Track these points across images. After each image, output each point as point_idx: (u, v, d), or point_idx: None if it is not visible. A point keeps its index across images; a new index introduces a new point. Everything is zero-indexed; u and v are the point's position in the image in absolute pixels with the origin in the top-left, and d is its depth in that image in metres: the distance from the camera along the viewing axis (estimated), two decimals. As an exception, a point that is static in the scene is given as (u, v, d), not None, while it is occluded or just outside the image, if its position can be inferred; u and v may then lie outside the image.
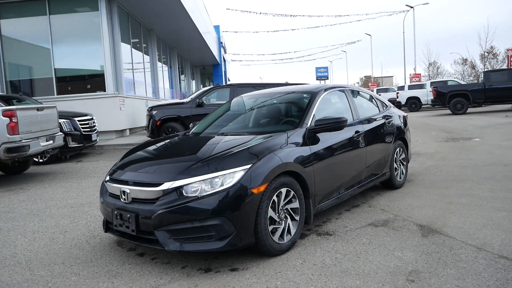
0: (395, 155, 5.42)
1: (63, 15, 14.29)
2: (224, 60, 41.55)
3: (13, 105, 10.44)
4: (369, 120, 4.97)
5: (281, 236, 3.43)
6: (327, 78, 59.14)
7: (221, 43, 36.40)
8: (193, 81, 35.89)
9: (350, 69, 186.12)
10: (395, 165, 5.43)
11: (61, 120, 9.97)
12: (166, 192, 3.12)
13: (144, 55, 19.28)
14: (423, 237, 3.65)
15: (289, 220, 3.52)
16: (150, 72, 20.38)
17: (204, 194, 3.05)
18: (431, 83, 22.22)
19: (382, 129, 5.14)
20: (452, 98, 19.17)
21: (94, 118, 11.22)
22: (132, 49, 17.42)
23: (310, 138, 3.90)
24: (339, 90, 4.83)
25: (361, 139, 4.57)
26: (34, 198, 6.14)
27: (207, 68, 38.44)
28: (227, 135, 4.08)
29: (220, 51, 36.02)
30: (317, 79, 60.76)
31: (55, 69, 14.24)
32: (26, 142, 7.32)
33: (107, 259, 3.52)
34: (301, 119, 4.02)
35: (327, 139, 4.07)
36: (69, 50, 14.73)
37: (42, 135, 7.97)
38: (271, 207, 3.30)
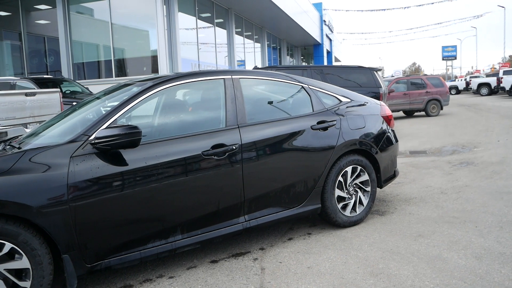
0: (339, 178, 3.51)
1: (122, -4, 14.28)
2: (330, 40, 39.01)
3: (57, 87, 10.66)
4: (275, 125, 3.21)
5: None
6: (455, 58, 51.75)
7: (324, 21, 33.96)
8: (292, 62, 34.44)
9: (483, 49, 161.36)
10: (339, 193, 3.52)
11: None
12: None
13: (216, 36, 18.59)
14: None
15: (1, 290, 2.21)
16: (227, 52, 19.69)
17: None
18: None
19: (301, 139, 3.28)
20: None
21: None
22: (198, 30, 16.83)
23: (98, 156, 2.46)
24: (213, 79, 3.13)
25: (229, 156, 2.89)
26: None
27: (308, 48, 36.47)
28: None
29: (321, 30, 33.69)
30: (443, 59, 53.80)
31: (114, 51, 14.37)
32: (3, 129, 7.09)
33: None
34: (83, 129, 2.56)
35: (139, 158, 2.57)
36: (128, 31, 14.74)
37: (32, 121, 7.74)
38: None
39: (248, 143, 2.98)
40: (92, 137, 2.48)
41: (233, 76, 3.17)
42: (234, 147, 2.90)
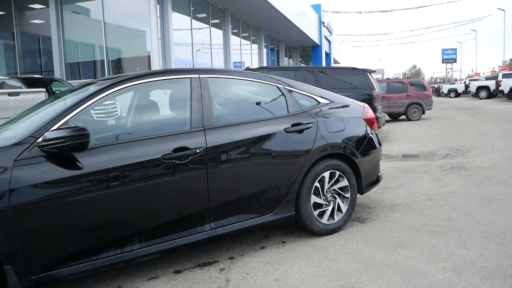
0: (316, 184, 3.34)
1: (115, -5, 14.13)
2: (329, 42, 38.84)
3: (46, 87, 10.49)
4: (245, 127, 3.03)
5: None
6: (455, 61, 51.59)
7: (323, 22, 33.78)
8: (290, 63, 34.26)
9: (483, 52, 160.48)
10: (315, 200, 3.34)
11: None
12: None
13: (212, 37, 18.44)
14: None
15: None
16: (223, 53, 19.52)
17: None
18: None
19: (272, 142, 3.10)
20: None
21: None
22: (194, 31, 16.67)
23: (47, 160, 2.29)
24: (179, 78, 2.96)
25: (193, 160, 2.71)
26: None
27: (307, 50, 36.30)
28: None
29: (320, 31, 33.51)
30: (443, 62, 53.65)
31: (107, 51, 14.22)
32: (-17, 128, 6.93)
33: None
34: (31, 131, 2.39)
35: (92, 162, 2.40)
36: (122, 31, 14.60)
37: (16, 121, 7.59)
38: None
39: (213, 147, 2.80)
40: (39, 140, 2.30)
41: (200, 76, 2.99)
42: (198, 151, 2.72)
